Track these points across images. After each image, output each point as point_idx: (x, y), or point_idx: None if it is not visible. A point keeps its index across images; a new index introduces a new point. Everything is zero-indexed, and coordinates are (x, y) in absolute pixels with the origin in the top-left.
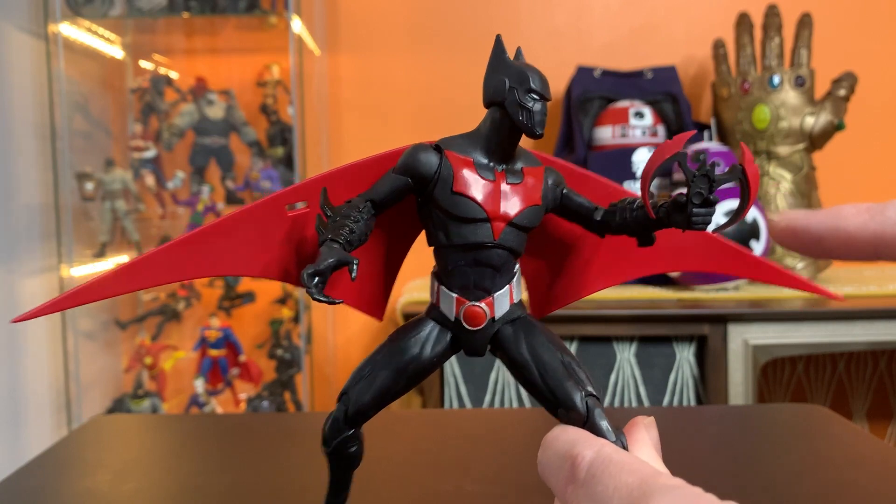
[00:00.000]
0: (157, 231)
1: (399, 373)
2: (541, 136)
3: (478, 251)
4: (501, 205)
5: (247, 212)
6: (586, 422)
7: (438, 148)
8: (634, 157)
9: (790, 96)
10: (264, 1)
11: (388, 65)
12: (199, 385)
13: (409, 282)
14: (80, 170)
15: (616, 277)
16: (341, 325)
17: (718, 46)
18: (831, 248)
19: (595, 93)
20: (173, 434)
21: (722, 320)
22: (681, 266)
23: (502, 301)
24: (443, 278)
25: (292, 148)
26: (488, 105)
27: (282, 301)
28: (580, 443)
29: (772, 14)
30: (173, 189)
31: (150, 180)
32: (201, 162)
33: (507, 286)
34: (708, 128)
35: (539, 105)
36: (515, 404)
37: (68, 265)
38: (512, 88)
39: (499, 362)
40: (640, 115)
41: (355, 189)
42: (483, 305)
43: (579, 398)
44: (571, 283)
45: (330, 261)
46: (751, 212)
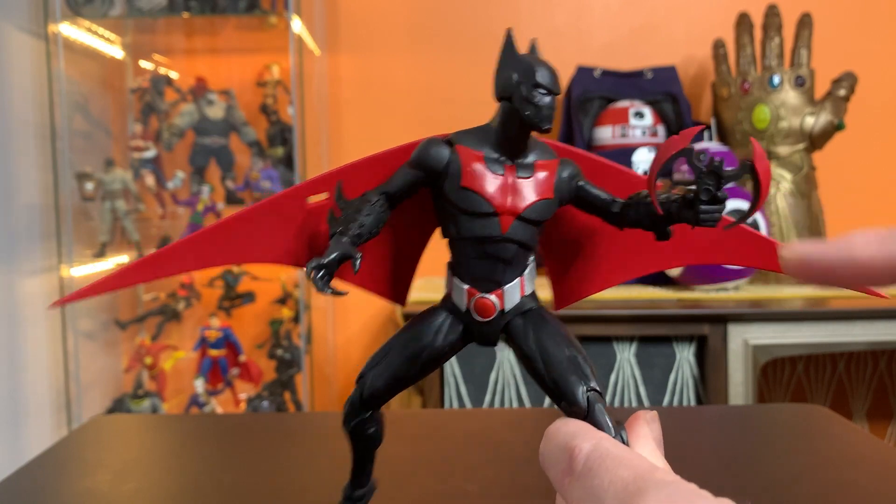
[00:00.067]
0: (157, 231)
1: (412, 360)
2: (548, 130)
3: (487, 244)
4: (509, 199)
5: (270, 202)
6: (587, 416)
7: (451, 142)
8: (634, 157)
9: (790, 96)
10: (264, 1)
11: (388, 65)
12: (199, 385)
13: None
14: (80, 170)
15: (640, 269)
16: (341, 325)
17: (718, 46)
18: (846, 279)
19: (595, 93)
20: (173, 434)
21: (722, 320)
22: (711, 259)
23: (512, 293)
24: (455, 269)
25: (292, 148)
26: (499, 99)
27: (282, 301)
28: (579, 435)
29: (772, 14)
30: (173, 189)
31: (150, 180)
32: (201, 162)
33: (518, 279)
34: (708, 128)
35: (546, 100)
36: (515, 404)
37: (68, 265)
38: (519, 83)
39: (499, 362)
40: (640, 115)
41: (375, 181)
42: (493, 297)
43: (581, 392)
44: (595, 274)
45: (334, 255)
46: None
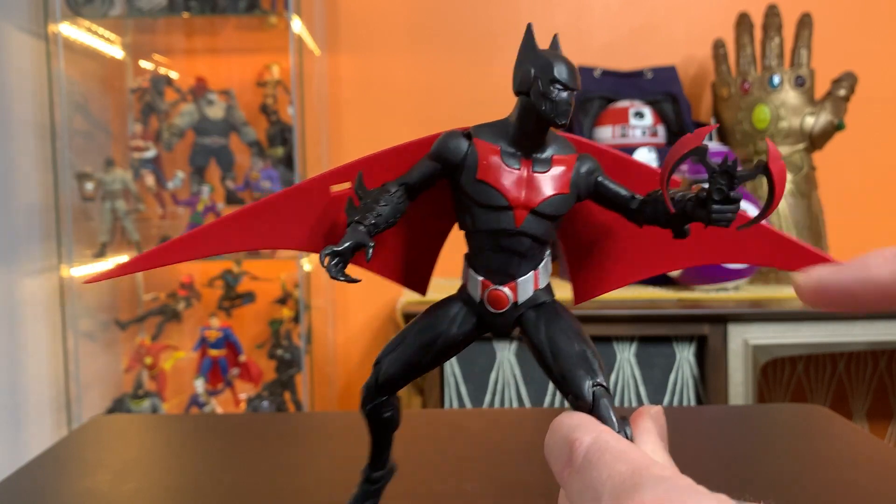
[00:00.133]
0: (157, 231)
1: (426, 348)
2: (564, 125)
3: (501, 237)
4: (524, 193)
5: (296, 189)
6: (592, 410)
7: (470, 135)
8: (634, 157)
9: (790, 96)
10: (264, 1)
11: (388, 65)
12: (199, 385)
13: None
14: (80, 170)
15: (661, 266)
16: (341, 325)
17: (718, 46)
18: (866, 302)
19: (595, 93)
20: (173, 434)
21: (722, 320)
22: (733, 258)
23: (526, 286)
24: (471, 261)
25: (292, 148)
26: (517, 93)
27: (282, 301)
28: (580, 428)
29: (772, 14)
30: (173, 189)
31: (150, 180)
32: (201, 162)
33: (532, 272)
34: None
35: (563, 95)
36: (515, 404)
37: (68, 265)
38: (537, 78)
39: (499, 362)
40: (640, 115)
41: (397, 172)
42: (506, 290)
43: (587, 387)
44: (614, 270)
45: (348, 243)
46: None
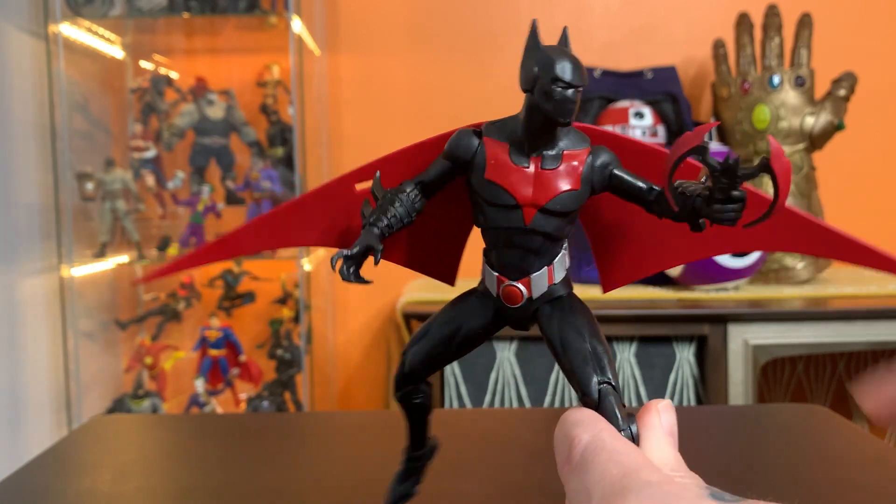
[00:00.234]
0: (157, 231)
1: (448, 340)
2: (567, 124)
3: (513, 235)
4: (533, 191)
5: (324, 188)
6: (598, 406)
7: (481, 133)
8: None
9: (790, 96)
10: (264, 1)
11: (388, 65)
12: (200, 385)
13: (409, 281)
14: (80, 170)
15: (689, 254)
16: (341, 325)
17: (718, 46)
18: None
19: (595, 93)
20: (173, 434)
21: (722, 320)
22: (765, 246)
23: (540, 282)
24: (487, 256)
25: (292, 148)
26: (524, 91)
27: (282, 301)
28: (581, 425)
29: (772, 14)
30: (173, 189)
31: (150, 180)
32: (201, 162)
33: (546, 268)
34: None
35: (567, 93)
36: (515, 404)
37: (68, 265)
38: (539, 76)
39: (499, 362)
40: (639, 115)
41: (420, 167)
42: (520, 286)
43: (594, 383)
44: (642, 258)
45: (357, 248)
46: None
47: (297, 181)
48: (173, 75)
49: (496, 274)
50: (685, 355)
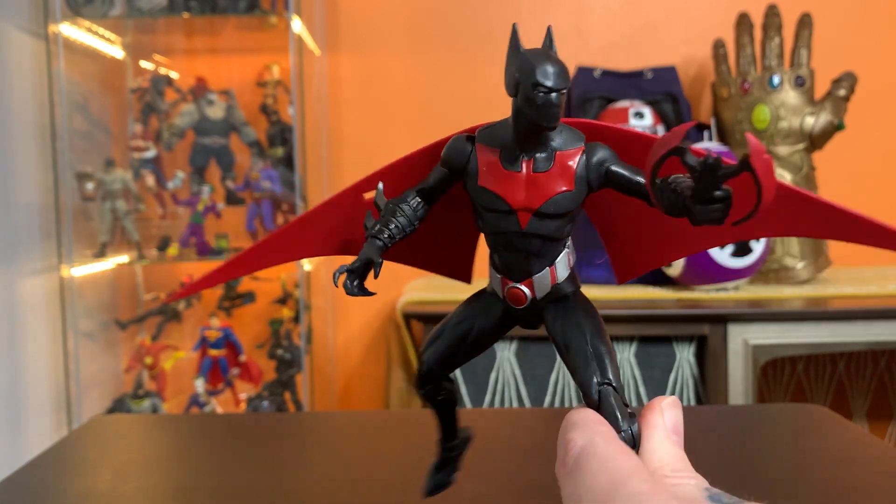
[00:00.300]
0: (157, 231)
1: (461, 340)
2: (552, 128)
3: (511, 238)
4: (525, 196)
5: (337, 197)
6: (599, 407)
7: (474, 139)
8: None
9: (790, 96)
10: (264, 1)
11: (388, 65)
12: (200, 385)
13: (409, 281)
14: (80, 170)
15: (705, 242)
16: (341, 325)
17: (718, 46)
18: None
19: (595, 93)
20: (173, 434)
21: (722, 320)
22: (787, 232)
23: (542, 282)
24: (491, 259)
25: (292, 148)
26: (510, 95)
27: (282, 301)
28: (577, 427)
29: (772, 14)
30: (173, 189)
31: (150, 180)
32: (201, 162)
33: (548, 268)
34: (708, 128)
35: (550, 97)
36: (515, 404)
37: (68, 265)
38: (520, 82)
39: (499, 362)
40: (639, 115)
41: (424, 173)
42: (523, 287)
43: (594, 384)
44: (655, 248)
45: (358, 262)
46: None
47: (297, 181)
48: (173, 75)
49: (500, 276)
50: (685, 355)
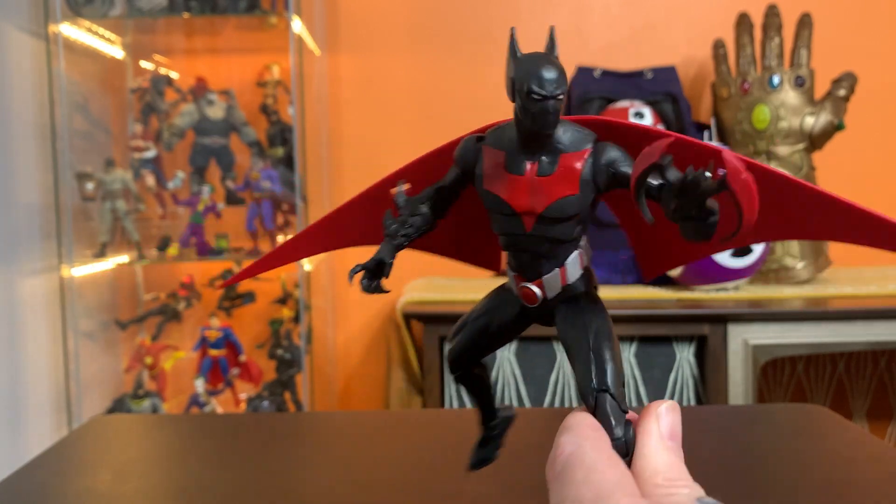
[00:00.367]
0: (157, 231)
1: (482, 332)
2: (547, 134)
3: (518, 239)
4: (528, 200)
5: (374, 188)
6: (594, 412)
7: (482, 139)
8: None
9: (790, 96)
10: (264, 1)
11: (388, 65)
12: (200, 385)
13: (409, 281)
14: (80, 170)
15: (728, 243)
16: (341, 325)
17: (718, 46)
18: None
19: (595, 93)
20: (173, 434)
21: (722, 320)
22: (816, 235)
23: (552, 283)
24: (507, 257)
25: (292, 148)
26: (511, 100)
27: (282, 301)
28: (568, 432)
29: (772, 14)
30: (173, 189)
31: (150, 180)
32: (201, 162)
33: (557, 269)
34: (708, 128)
35: (546, 105)
36: (515, 404)
37: (68, 265)
38: (516, 89)
39: (499, 362)
40: (639, 115)
41: (448, 168)
42: (534, 287)
43: (591, 389)
44: (678, 245)
45: (371, 263)
46: None
47: (297, 181)
48: (173, 75)
49: (514, 274)
50: (685, 355)
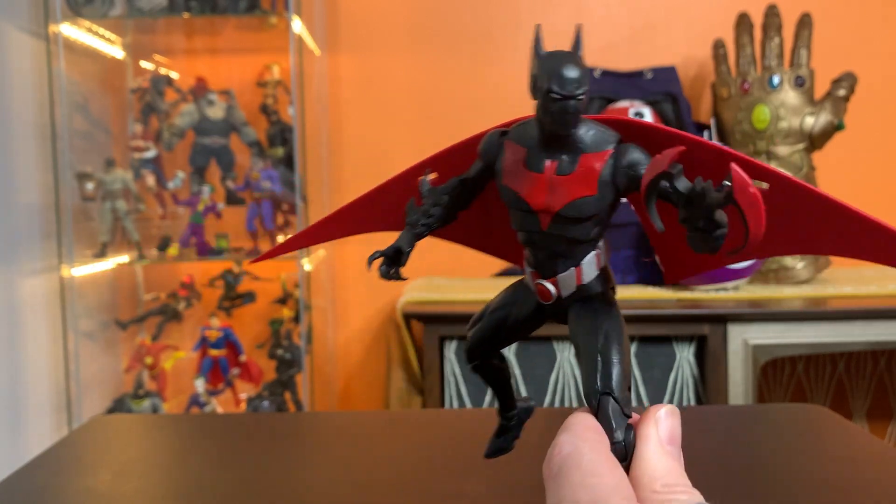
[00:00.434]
0: (157, 231)
1: (499, 325)
2: (566, 134)
3: (535, 237)
4: (545, 198)
5: (403, 175)
6: (597, 414)
7: (506, 134)
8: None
9: (790, 96)
10: (264, 1)
11: (389, 65)
12: (200, 385)
13: (409, 282)
14: (80, 170)
15: (764, 251)
16: (341, 325)
17: (718, 46)
18: None
19: (595, 93)
20: (173, 434)
21: (722, 320)
22: (822, 250)
23: (567, 282)
24: (525, 254)
25: (292, 148)
26: (533, 98)
27: (282, 301)
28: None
29: (772, 14)
30: (173, 189)
31: (150, 180)
32: (201, 162)
33: (573, 269)
34: (708, 128)
35: (566, 105)
36: None
37: (68, 265)
38: (537, 87)
39: None
40: (639, 115)
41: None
42: (549, 284)
43: (595, 391)
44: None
45: (389, 250)
46: None
47: (297, 181)
48: (173, 75)
49: (531, 270)
50: (685, 355)
